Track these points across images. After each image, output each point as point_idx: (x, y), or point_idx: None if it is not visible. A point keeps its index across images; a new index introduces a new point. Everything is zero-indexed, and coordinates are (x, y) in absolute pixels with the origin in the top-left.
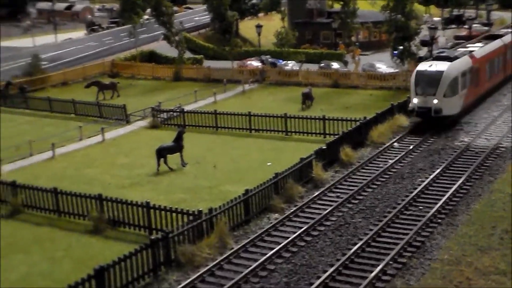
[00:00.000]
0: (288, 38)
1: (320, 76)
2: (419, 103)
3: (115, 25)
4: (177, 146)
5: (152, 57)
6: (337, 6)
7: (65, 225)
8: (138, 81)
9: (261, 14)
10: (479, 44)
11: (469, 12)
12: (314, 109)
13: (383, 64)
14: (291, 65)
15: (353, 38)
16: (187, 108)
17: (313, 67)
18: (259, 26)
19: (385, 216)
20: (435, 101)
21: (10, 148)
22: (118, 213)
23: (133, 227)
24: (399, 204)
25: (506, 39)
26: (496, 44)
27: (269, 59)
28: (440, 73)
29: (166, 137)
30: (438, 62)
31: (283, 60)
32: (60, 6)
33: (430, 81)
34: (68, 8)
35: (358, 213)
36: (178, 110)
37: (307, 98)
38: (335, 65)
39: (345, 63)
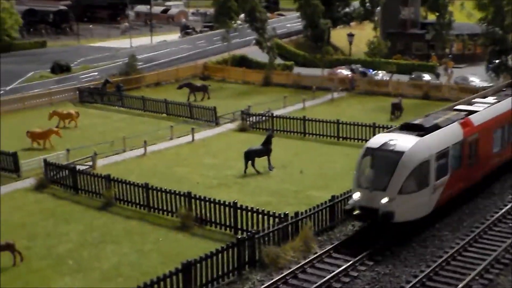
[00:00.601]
0: (380, 48)
1: (410, 87)
2: (362, 200)
3: (208, 29)
4: (266, 149)
5: (243, 62)
6: (431, 17)
7: (154, 220)
8: (228, 84)
9: (353, 23)
10: (491, 99)
11: None
12: (403, 120)
13: (477, 77)
14: (381, 75)
15: (446, 50)
16: (275, 113)
17: (404, 78)
18: (351, 35)
19: (473, 231)
20: (385, 200)
21: (106, 143)
22: (205, 212)
23: (219, 226)
24: (487, 219)
25: None
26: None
27: (360, 68)
28: (397, 156)
29: (254, 140)
30: (402, 135)
31: (374, 70)
32: (157, 9)
33: (381, 167)
34: (164, 11)
35: (445, 226)
36: (267, 115)
37: (396, 109)
38: (427, 77)
39: (437, 76)
